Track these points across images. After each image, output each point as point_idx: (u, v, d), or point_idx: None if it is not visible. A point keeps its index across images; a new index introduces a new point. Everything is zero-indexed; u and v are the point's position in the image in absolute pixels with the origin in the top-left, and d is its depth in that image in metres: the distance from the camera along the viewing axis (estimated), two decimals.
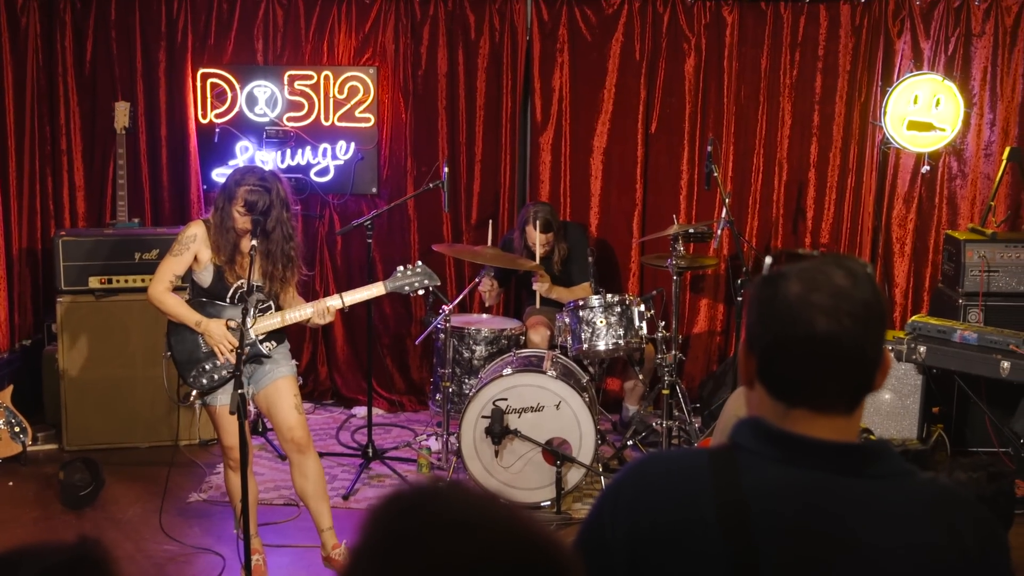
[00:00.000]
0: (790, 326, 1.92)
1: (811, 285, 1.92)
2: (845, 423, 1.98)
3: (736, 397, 4.37)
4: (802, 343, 1.91)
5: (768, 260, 6.95)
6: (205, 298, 5.24)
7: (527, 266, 7.18)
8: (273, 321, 5.20)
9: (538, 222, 7.23)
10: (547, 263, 7.40)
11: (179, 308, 5.22)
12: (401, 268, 5.41)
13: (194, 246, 5.21)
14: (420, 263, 5.48)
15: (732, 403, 4.36)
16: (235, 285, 5.19)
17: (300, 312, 5.28)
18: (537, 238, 7.26)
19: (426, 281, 5.38)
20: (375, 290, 5.37)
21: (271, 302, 5.28)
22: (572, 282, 7.51)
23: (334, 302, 5.33)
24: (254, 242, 5.01)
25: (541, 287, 7.27)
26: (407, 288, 5.36)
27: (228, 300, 5.19)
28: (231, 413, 4.54)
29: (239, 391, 4.52)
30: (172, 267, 5.26)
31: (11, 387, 7.11)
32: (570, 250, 7.52)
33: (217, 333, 5.12)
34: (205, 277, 5.23)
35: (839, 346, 1.90)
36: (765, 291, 1.98)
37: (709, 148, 6.74)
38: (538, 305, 7.43)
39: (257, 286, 5.16)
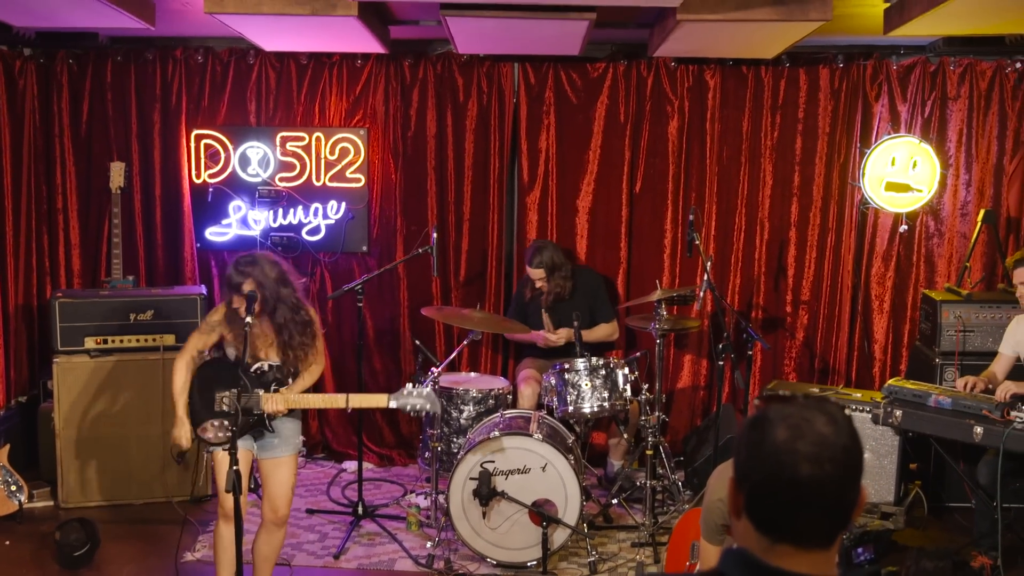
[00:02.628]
0: (776, 470, 2.09)
1: (796, 432, 2.09)
2: (824, 557, 2.15)
3: (719, 474, 4.53)
4: (787, 487, 2.08)
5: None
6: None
7: (524, 336, 7.46)
8: (278, 407, 5.38)
9: (532, 258, 7.61)
10: (555, 298, 7.71)
11: (175, 387, 5.49)
12: (409, 386, 5.57)
13: (219, 328, 5.54)
14: (428, 388, 5.64)
15: (715, 482, 4.52)
16: (255, 365, 5.40)
17: (306, 400, 5.50)
18: (530, 272, 7.62)
19: (428, 406, 5.54)
20: (379, 401, 5.55)
21: (288, 379, 5.48)
22: (595, 322, 7.79)
23: (339, 402, 5.54)
24: (248, 319, 5.18)
25: (557, 339, 7.59)
26: (409, 407, 5.52)
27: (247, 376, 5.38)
28: (226, 491, 4.72)
29: (234, 468, 4.69)
30: (196, 343, 5.60)
31: (7, 446, 7.24)
32: (583, 291, 7.80)
33: (174, 435, 5.46)
34: (231, 353, 5.49)
35: (822, 491, 2.08)
36: (753, 435, 2.14)
37: (691, 217, 6.91)
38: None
39: (274, 365, 5.39)
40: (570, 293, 7.71)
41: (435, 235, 7.15)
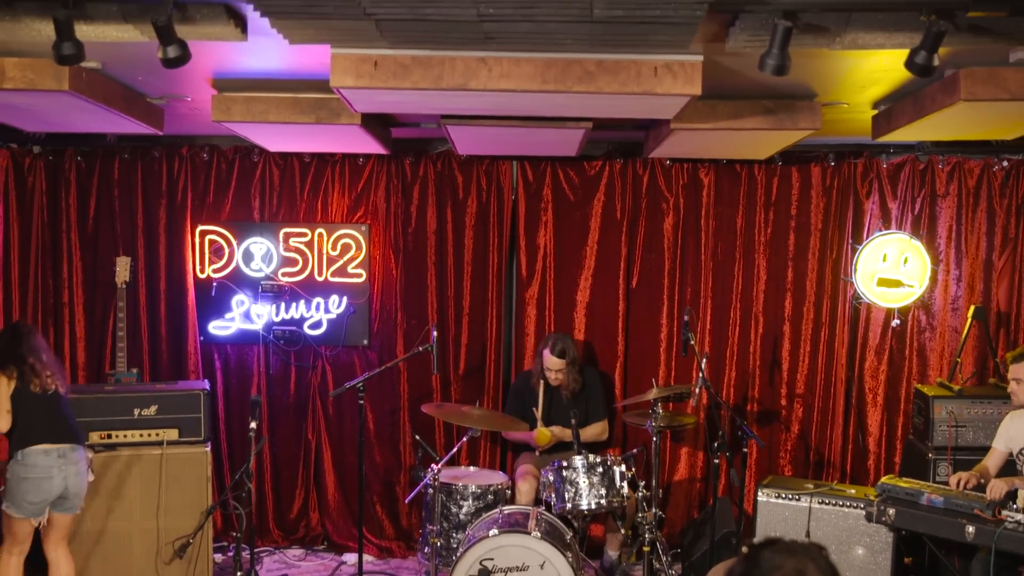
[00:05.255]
0: None
1: None
2: None
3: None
4: None
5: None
6: None
7: (520, 436, 7.57)
8: None
9: (555, 346, 7.70)
10: (556, 393, 7.82)
11: None
12: None
13: None
14: None
15: None
16: None
17: None
18: (551, 362, 7.69)
19: None
20: None
21: None
22: (588, 421, 7.88)
23: None
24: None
25: (545, 445, 7.67)
26: None
27: None
28: None
29: None
30: None
31: None
32: (586, 388, 7.92)
33: None
34: None
35: None
36: None
37: (686, 317, 7.05)
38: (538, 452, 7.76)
39: None
40: (580, 389, 7.85)
41: (435, 333, 7.28)
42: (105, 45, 4.65)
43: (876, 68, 5.41)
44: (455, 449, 7.43)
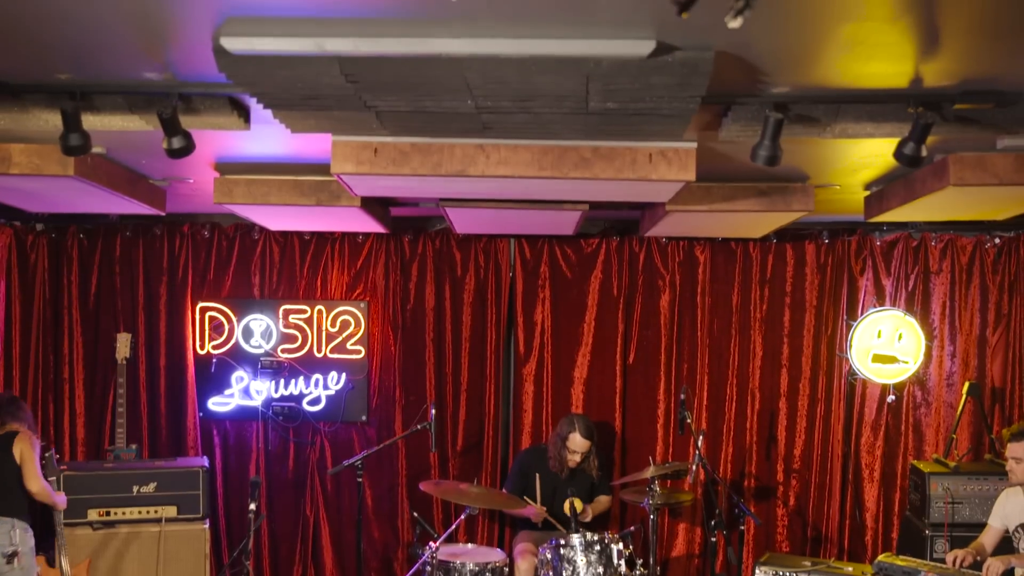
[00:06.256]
0: None
1: None
2: None
3: None
4: None
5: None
6: None
7: (518, 512, 7.56)
8: None
9: (583, 428, 7.68)
10: (581, 473, 7.81)
11: None
12: None
13: None
14: None
15: None
16: None
17: None
18: (579, 444, 7.68)
19: None
20: None
21: None
22: (594, 494, 7.93)
23: None
24: None
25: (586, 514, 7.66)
26: None
27: None
28: None
29: None
30: None
31: None
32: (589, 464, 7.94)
33: None
34: None
35: None
36: None
37: (682, 396, 7.11)
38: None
39: None
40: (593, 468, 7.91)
41: (433, 411, 7.33)
42: (111, 132, 4.75)
43: (867, 154, 5.51)
44: (453, 527, 7.45)
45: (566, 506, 7.44)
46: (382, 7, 3.35)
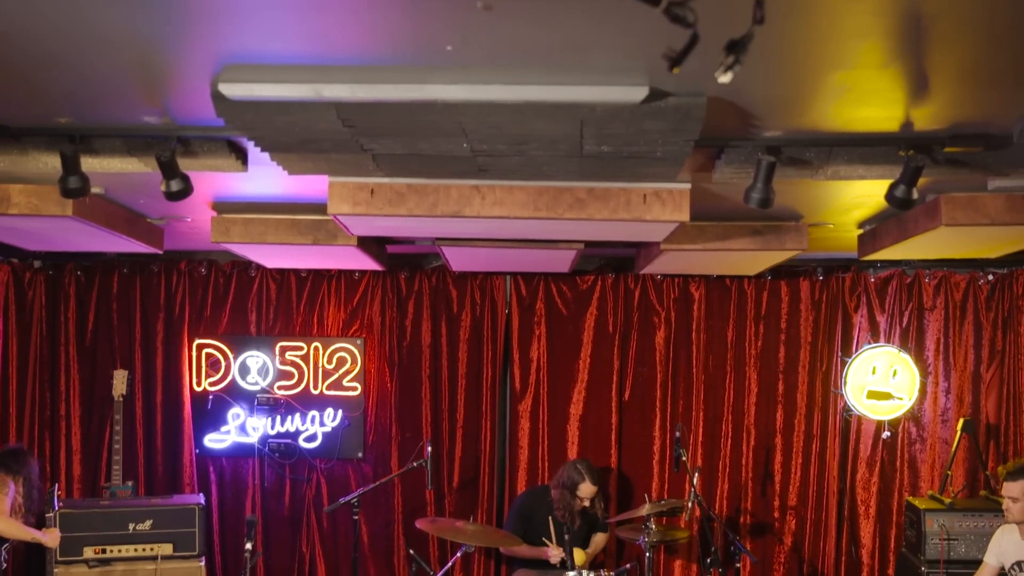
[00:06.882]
0: None
1: None
2: None
3: None
4: None
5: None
6: None
7: (531, 553, 7.56)
8: None
9: (592, 476, 7.65)
10: (585, 513, 7.77)
11: None
12: None
13: None
14: None
15: None
16: None
17: None
18: (589, 491, 7.65)
19: None
20: None
21: None
22: (593, 532, 7.94)
23: None
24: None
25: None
26: None
27: None
28: None
29: None
30: None
31: None
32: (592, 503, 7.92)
33: None
34: None
35: None
36: None
37: (677, 434, 7.13)
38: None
39: None
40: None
41: (429, 449, 7.34)
42: (109, 173, 4.78)
43: (860, 194, 5.55)
44: (449, 564, 7.43)
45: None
46: (379, 54, 3.39)
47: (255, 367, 8.50)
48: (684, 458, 7.08)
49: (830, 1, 2.88)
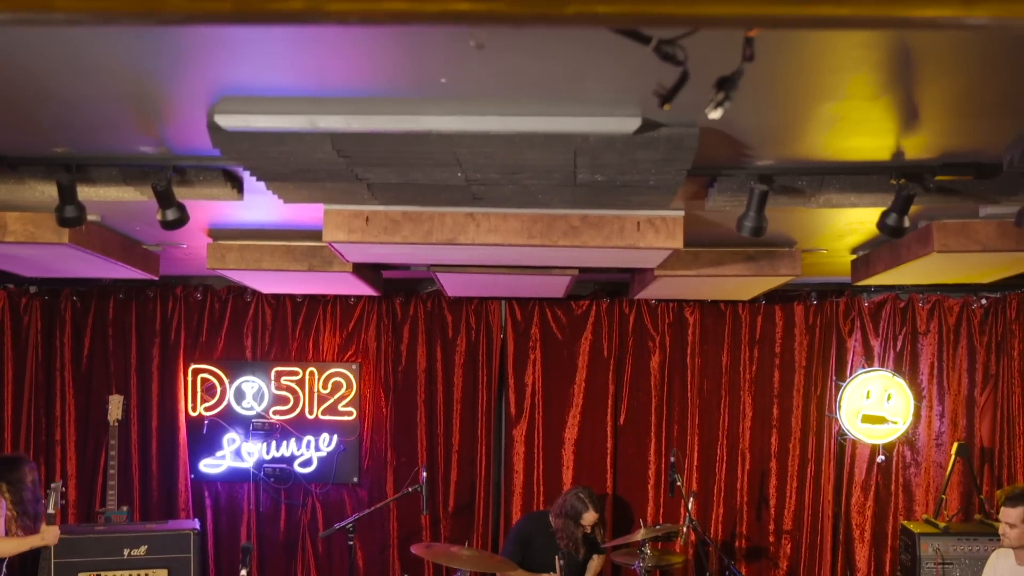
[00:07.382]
0: None
1: None
2: None
3: None
4: None
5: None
6: None
7: None
8: None
9: (595, 504, 7.59)
10: (587, 538, 7.73)
11: None
12: None
13: None
14: None
15: None
16: None
17: None
18: (593, 519, 7.59)
19: None
20: None
21: None
22: (590, 554, 7.89)
23: None
24: None
25: None
26: None
27: None
28: None
29: None
30: None
31: None
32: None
33: None
34: None
35: None
36: None
37: (672, 459, 7.14)
38: None
39: None
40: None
41: (424, 474, 7.35)
42: (105, 201, 4.80)
43: (852, 220, 5.58)
44: None
45: None
46: (374, 86, 3.42)
47: (251, 392, 8.51)
48: (679, 483, 7.11)
49: (820, 35, 2.91)
